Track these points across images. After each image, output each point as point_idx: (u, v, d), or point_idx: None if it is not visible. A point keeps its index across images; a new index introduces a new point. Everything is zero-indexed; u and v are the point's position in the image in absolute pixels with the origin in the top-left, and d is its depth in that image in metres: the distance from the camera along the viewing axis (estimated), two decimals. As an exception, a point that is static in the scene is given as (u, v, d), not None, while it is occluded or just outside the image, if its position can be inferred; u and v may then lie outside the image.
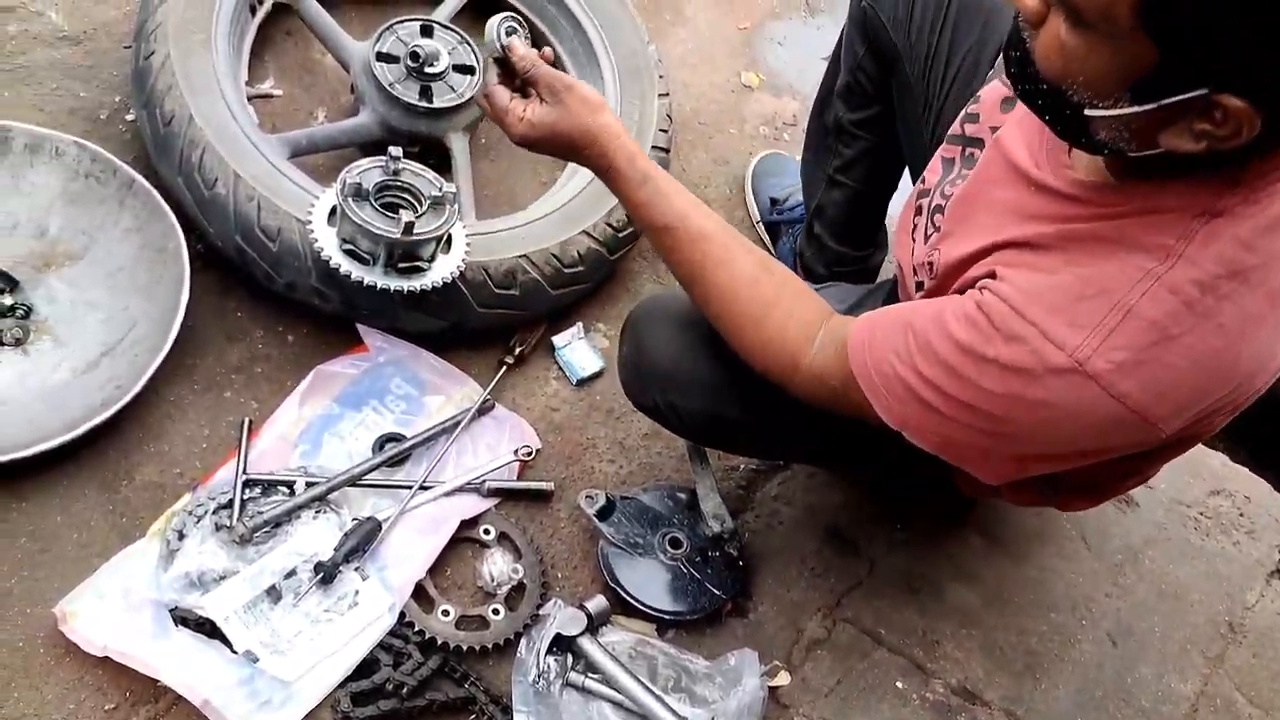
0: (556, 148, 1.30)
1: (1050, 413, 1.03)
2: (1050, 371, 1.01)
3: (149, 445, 1.59)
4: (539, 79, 1.27)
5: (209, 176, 1.60)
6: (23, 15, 1.87)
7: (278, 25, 2.00)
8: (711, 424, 1.46)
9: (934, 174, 1.35)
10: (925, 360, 1.10)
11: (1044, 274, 1.04)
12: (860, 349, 1.17)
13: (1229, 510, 1.89)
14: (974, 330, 1.06)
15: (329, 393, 1.68)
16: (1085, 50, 0.92)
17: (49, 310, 1.62)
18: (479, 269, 1.68)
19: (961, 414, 1.09)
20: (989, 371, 1.05)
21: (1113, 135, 0.97)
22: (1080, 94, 0.95)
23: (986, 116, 1.29)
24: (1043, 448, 1.11)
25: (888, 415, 1.16)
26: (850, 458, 1.55)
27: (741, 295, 1.26)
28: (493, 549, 1.61)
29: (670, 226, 1.27)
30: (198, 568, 1.44)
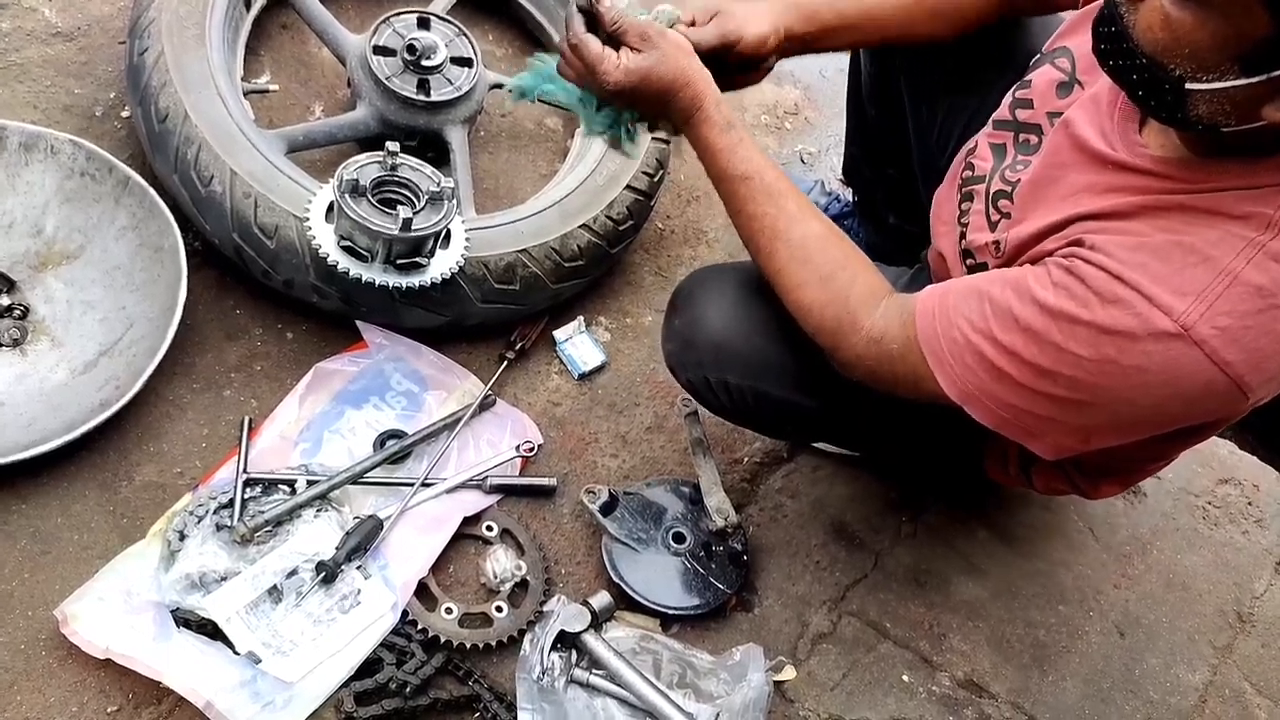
0: (648, 94, 1.25)
1: (1143, 378, 1.03)
2: (1152, 335, 1.01)
3: (148, 445, 1.58)
4: (628, 29, 1.23)
5: (205, 174, 1.59)
6: (15, 12, 1.85)
7: (273, 19, 1.99)
8: (757, 401, 1.44)
9: (984, 160, 1.34)
10: (1003, 327, 1.10)
11: (1138, 239, 1.04)
12: (929, 315, 1.17)
13: (1237, 499, 1.88)
14: (1066, 295, 1.05)
15: (329, 390, 1.67)
16: (1194, 23, 0.92)
17: (46, 310, 1.61)
18: (478, 264, 1.67)
19: (1038, 381, 1.09)
20: (1082, 335, 1.04)
21: (1212, 109, 0.96)
22: (1184, 67, 0.95)
23: (1041, 102, 1.28)
24: (1120, 416, 1.10)
25: (950, 385, 1.15)
26: (890, 440, 1.54)
27: (812, 251, 1.25)
28: (495, 546, 1.60)
29: (749, 176, 1.26)
30: (199, 568, 1.43)
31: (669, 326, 1.48)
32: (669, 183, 1.99)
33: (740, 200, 1.28)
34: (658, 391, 1.85)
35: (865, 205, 1.93)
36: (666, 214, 2.07)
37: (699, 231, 2.07)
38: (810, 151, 2.27)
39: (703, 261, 2.04)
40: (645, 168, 1.85)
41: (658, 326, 1.91)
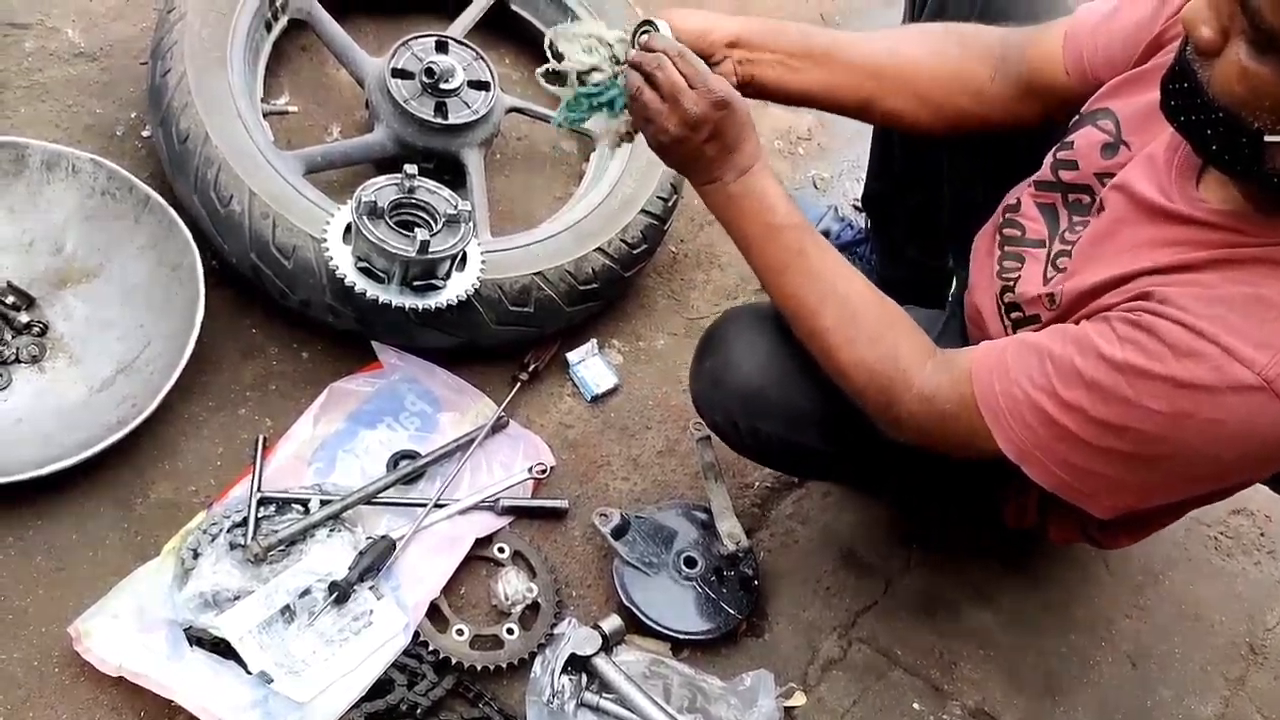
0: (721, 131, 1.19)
1: (1220, 431, 1.02)
2: (1232, 389, 1.00)
3: (164, 463, 1.59)
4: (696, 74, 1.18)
5: (224, 194, 1.60)
6: (39, 32, 1.88)
7: (293, 41, 2.01)
8: (784, 449, 1.44)
9: (1033, 221, 1.32)
10: (1066, 383, 1.08)
11: (1211, 291, 1.03)
12: (986, 372, 1.15)
13: (1249, 530, 1.87)
14: (1135, 349, 1.04)
15: (343, 410, 1.68)
16: (1274, 76, 0.91)
17: (65, 327, 1.63)
18: (494, 286, 1.68)
19: (1103, 438, 1.07)
20: (1156, 390, 1.03)
21: None
22: (1262, 120, 0.94)
23: (1086, 164, 1.26)
24: (1186, 472, 1.09)
25: (1008, 444, 1.13)
26: (914, 490, 1.54)
27: (857, 310, 1.23)
28: (507, 568, 1.60)
29: (802, 228, 1.24)
30: (212, 587, 1.43)
31: (699, 366, 1.45)
32: (682, 206, 1.99)
33: (792, 254, 1.24)
34: (669, 415, 1.85)
35: (883, 235, 1.93)
36: (680, 238, 2.08)
37: (712, 256, 2.08)
38: (824, 177, 2.28)
39: (716, 285, 2.05)
40: (660, 192, 1.86)
41: (670, 350, 1.93)
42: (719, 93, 1.16)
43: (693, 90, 1.16)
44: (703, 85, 1.16)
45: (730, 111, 1.17)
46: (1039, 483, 1.15)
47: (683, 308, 2.01)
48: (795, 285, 1.25)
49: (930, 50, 1.38)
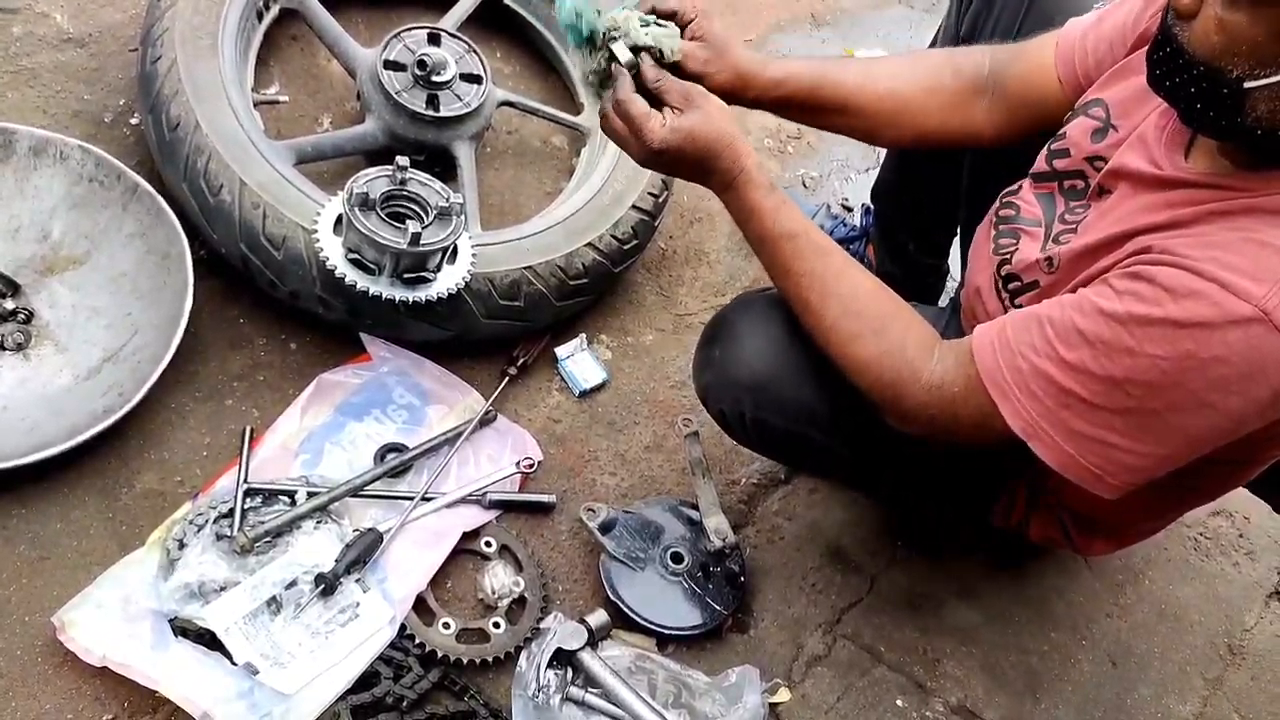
0: (692, 153, 1.22)
1: (1224, 371, 1.03)
2: (1231, 323, 1.01)
3: (150, 453, 1.58)
4: (671, 88, 1.22)
5: (214, 183, 1.59)
6: (28, 17, 1.86)
7: (284, 31, 2.00)
8: (789, 442, 1.44)
9: (1030, 204, 1.35)
10: (1069, 345, 1.10)
11: (1206, 238, 1.05)
12: (988, 349, 1.17)
13: (1228, 531, 1.89)
14: (1134, 299, 1.06)
15: (331, 402, 1.68)
16: (1249, 21, 0.96)
17: (51, 315, 1.61)
18: (484, 280, 1.68)
19: (1110, 396, 1.08)
20: (1156, 334, 1.04)
21: (1272, 107, 0.99)
22: (1241, 67, 0.98)
23: (1077, 150, 1.29)
24: (1195, 425, 1.09)
25: (1015, 418, 1.14)
26: (910, 488, 1.54)
27: (863, 305, 1.25)
28: (494, 561, 1.60)
29: (795, 234, 1.25)
30: (198, 578, 1.43)
31: (705, 355, 1.45)
32: (672, 203, 2.00)
33: (788, 258, 1.26)
34: (657, 410, 1.86)
35: (886, 229, 1.94)
36: (669, 234, 2.08)
37: (701, 252, 2.09)
38: (813, 176, 2.29)
39: (704, 282, 2.05)
40: (650, 188, 1.86)
41: (659, 345, 1.94)
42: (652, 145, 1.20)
43: (651, 121, 1.19)
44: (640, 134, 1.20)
45: (691, 138, 1.20)
46: (1047, 460, 1.15)
47: (671, 304, 2.01)
48: (797, 287, 1.27)
49: (926, 87, 1.43)
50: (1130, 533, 1.50)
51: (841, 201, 2.25)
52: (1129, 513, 1.41)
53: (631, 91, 1.21)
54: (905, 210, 1.88)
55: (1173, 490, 1.30)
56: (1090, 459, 1.13)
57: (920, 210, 1.84)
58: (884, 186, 1.91)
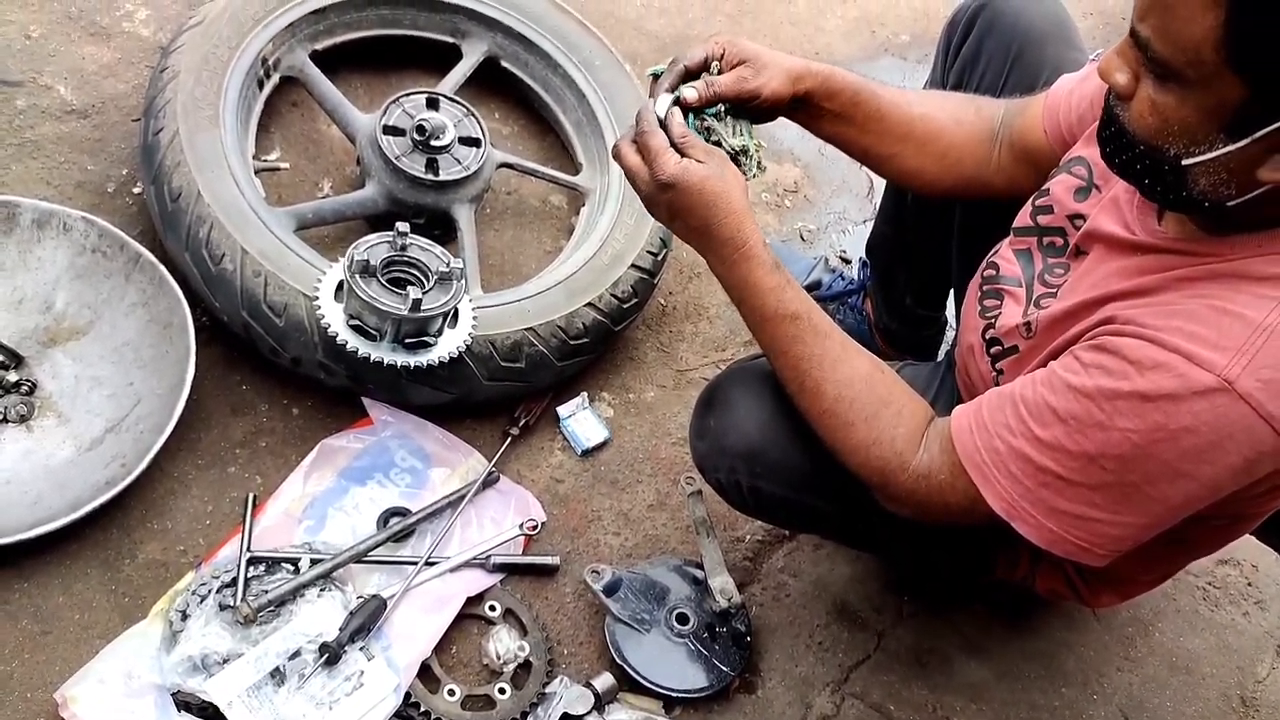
0: (696, 204, 1.20)
1: (1194, 441, 1.03)
2: (1197, 394, 1.01)
3: (152, 522, 1.58)
4: (696, 144, 1.22)
5: (216, 252, 1.61)
6: (31, 90, 1.88)
7: (284, 96, 2.02)
8: (786, 508, 1.44)
9: (1008, 263, 1.36)
10: (1041, 424, 1.10)
11: (1170, 306, 1.06)
12: (966, 432, 1.17)
13: (1237, 580, 1.88)
14: (1101, 372, 1.06)
15: (334, 467, 1.68)
16: (1177, 101, 0.98)
17: (54, 386, 1.62)
18: (485, 342, 1.68)
19: (1086, 472, 1.09)
20: (1125, 408, 1.04)
21: (1211, 181, 1.01)
22: (1177, 145, 1.00)
23: (1060, 207, 1.31)
24: (1172, 494, 1.09)
25: (996, 500, 1.14)
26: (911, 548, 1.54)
27: (858, 391, 1.24)
28: (498, 626, 1.59)
29: (798, 316, 1.24)
30: (201, 650, 1.42)
31: (700, 424, 1.45)
32: (671, 259, 2.01)
33: (787, 340, 1.25)
34: (660, 468, 1.86)
35: (883, 283, 1.95)
36: (669, 290, 2.09)
37: (700, 307, 2.10)
38: (810, 229, 2.31)
39: (704, 338, 2.06)
40: (649, 246, 1.87)
41: (660, 402, 1.94)
42: (662, 176, 1.19)
43: (668, 154, 1.19)
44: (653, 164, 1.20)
45: (701, 184, 1.19)
46: (1031, 539, 1.15)
47: (672, 360, 2.02)
48: (794, 370, 1.27)
49: (953, 117, 1.44)
50: (1134, 585, 1.49)
51: (840, 254, 2.26)
52: (1129, 568, 1.41)
53: (655, 126, 1.21)
54: (900, 264, 1.89)
55: (1169, 547, 1.30)
56: (1074, 534, 1.14)
57: (915, 264, 1.85)
58: (878, 240, 1.92)
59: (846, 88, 1.39)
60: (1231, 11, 0.90)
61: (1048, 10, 1.56)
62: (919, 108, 1.43)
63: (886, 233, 1.88)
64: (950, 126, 1.44)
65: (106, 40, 1.98)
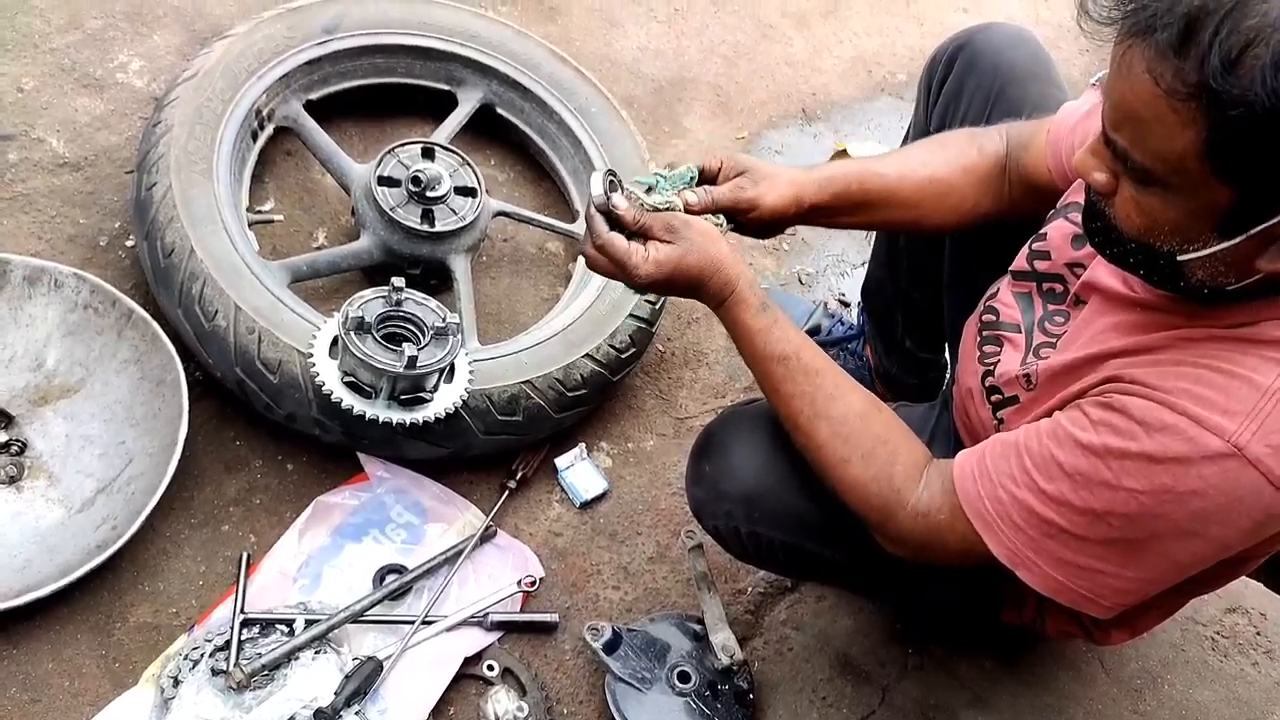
0: (679, 283, 1.24)
1: (1202, 504, 1.01)
2: (1206, 459, 1.00)
3: (144, 584, 1.55)
4: (652, 224, 1.23)
5: (209, 309, 1.59)
6: (24, 143, 1.87)
7: (278, 146, 2.01)
8: (786, 553, 1.42)
9: (1009, 307, 1.36)
10: (1047, 477, 1.09)
11: (1175, 367, 1.05)
12: (969, 479, 1.16)
13: (1245, 629, 1.85)
14: (1109, 430, 1.05)
15: (329, 524, 1.65)
16: (1162, 205, 0.97)
17: (44, 445, 1.60)
18: (482, 396, 1.66)
19: (1092, 528, 1.07)
20: (1133, 469, 1.03)
21: (1209, 274, 1.00)
22: (1169, 243, 1.00)
23: (1058, 254, 1.30)
24: (1178, 552, 1.08)
25: (999, 548, 1.13)
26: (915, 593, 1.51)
27: (853, 429, 1.24)
28: (496, 686, 1.56)
29: (786, 356, 1.24)
30: (193, 718, 1.39)
31: (696, 471, 1.44)
32: (669, 305, 1.99)
33: (777, 380, 1.26)
34: (660, 519, 1.83)
35: (880, 327, 1.94)
36: (667, 336, 2.08)
37: (699, 353, 2.08)
38: (809, 272, 2.29)
39: (704, 384, 2.04)
40: (647, 296, 1.86)
41: (660, 451, 1.92)
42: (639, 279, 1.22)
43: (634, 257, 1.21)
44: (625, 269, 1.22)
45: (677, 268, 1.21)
46: (1035, 587, 1.14)
47: (671, 407, 2.00)
48: (788, 408, 1.26)
49: (960, 167, 1.43)
50: (1143, 621, 1.47)
51: (839, 297, 2.25)
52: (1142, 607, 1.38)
53: (607, 232, 1.22)
54: (896, 307, 1.87)
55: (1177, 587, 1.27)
56: (1079, 584, 1.12)
57: (910, 306, 1.84)
58: (872, 284, 1.91)
59: (850, 183, 1.40)
60: (1211, 129, 0.89)
61: (1027, 49, 1.56)
62: (925, 169, 1.42)
63: (881, 276, 1.87)
64: (960, 178, 1.43)
65: (100, 92, 1.97)
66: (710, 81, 2.52)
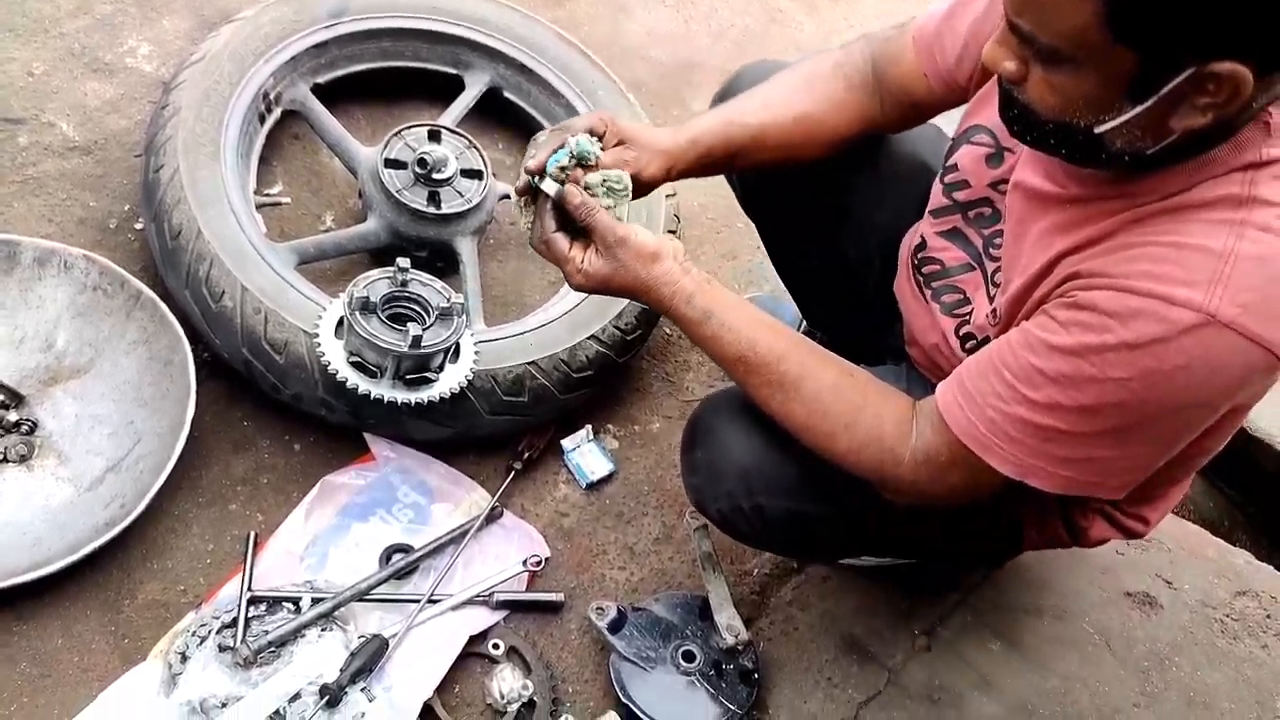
0: (612, 293, 1.30)
1: (1189, 376, 1.03)
2: (1183, 333, 1.01)
3: (152, 562, 1.56)
4: (594, 228, 1.26)
5: (216, 290, 1.60)
6: (34, 127, 1.89)
7: (285, 130, 2.02)
8: (793, 521, 1.41)
9: (942, 249, 1.37)
10: (1032, 386, 1.10)
11: (1129, 251, 1.06)
12: (955, 409, 1.17)
13: (1255, 611, 1.84)
14: (1081, 329, 1.07)
15: (335, 504, 1.66)
16: (1074, 80, 1.01)
17: (54, 425, 1.61)
18: (487, 377, 1.67)
19: (1088, 423, 1.09)
20: (1115, 360, 1.05)
21: (1128, 141, 1.02)
22: (1085, 117, 1.03)
23: (976, 179, 1.33)
24: (1177, 424, 1.10)
25: (1004, 464, 1.15)
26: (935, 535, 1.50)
27: (828, 404, 1.26)
28: (502, 664, 1.57)
29: (742, 356, 1.27)
30: (200, 693, 1.40)
31: (690, 460, 1.45)
32: (676, 289, 1.99)
33: (742, 376, 1.29)
34: (666, 499, 1.84)
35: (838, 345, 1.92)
36: (674, 319, 2.07)
37: (706, 336, 2.07)
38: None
39: (709, 368, 2.04)
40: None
41: (666, 433, 1.92)
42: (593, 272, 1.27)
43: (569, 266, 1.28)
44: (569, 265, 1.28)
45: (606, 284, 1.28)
46: (1046, 489, 1.15)
47: (677, 390, 2.00)
48: (760, 399, 1.30)
49: (829, 101, 1.47)
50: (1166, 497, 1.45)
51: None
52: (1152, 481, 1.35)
53: (554, 230, 1.28)
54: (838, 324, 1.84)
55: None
56: (1087, 476, 1.14)
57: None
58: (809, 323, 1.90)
59: (716, 143, 1.43)
60: None
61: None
62: (791, 110, 1.46)
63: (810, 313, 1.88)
64: (830, 113, 1.47)
65: (109, 76, 1.99)
66: (718, 65, 2.52)
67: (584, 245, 1.28)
